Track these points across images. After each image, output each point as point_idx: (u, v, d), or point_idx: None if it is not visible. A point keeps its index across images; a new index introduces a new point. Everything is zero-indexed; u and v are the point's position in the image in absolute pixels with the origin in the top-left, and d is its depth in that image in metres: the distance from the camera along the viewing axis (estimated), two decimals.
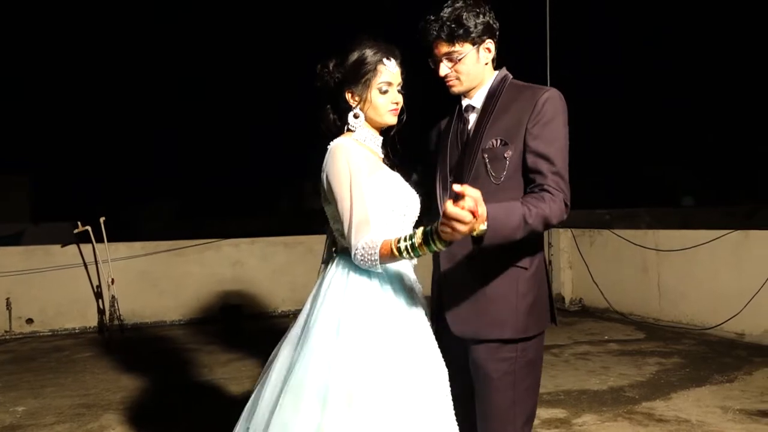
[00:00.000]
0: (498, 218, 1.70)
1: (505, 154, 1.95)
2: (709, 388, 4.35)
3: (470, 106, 2.08)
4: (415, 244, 1.68)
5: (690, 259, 6.16)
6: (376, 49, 1.94)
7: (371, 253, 1.75)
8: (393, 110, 1.96)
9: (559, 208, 1.87)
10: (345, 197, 1.81)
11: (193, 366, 5.32)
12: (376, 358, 1.75)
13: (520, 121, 1.95)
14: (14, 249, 7.09)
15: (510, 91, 2.03)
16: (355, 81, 1.93)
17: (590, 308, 7.32)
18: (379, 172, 1.93)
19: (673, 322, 6.30)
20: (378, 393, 1.72)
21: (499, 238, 1.73)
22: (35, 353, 5.89)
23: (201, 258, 7.35)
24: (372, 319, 1.80)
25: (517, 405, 1.97)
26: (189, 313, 7.22)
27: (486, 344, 1.96)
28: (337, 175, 1.83)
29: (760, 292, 5.48)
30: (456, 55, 1.98)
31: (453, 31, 1.95)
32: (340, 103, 1.98)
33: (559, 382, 4.57)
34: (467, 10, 1.96)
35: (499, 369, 1.94)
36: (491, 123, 1.99)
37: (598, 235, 7.31)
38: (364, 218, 1.79)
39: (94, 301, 6.89)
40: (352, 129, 1.96)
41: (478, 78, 2.04)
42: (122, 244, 7.09)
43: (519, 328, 1.95)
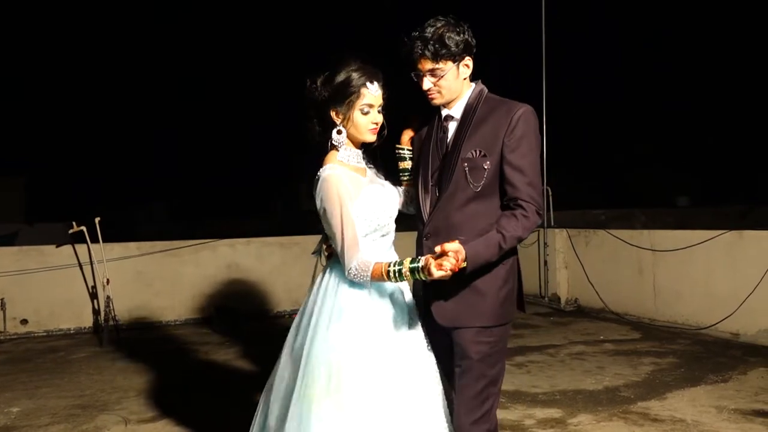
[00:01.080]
0: (477, 255, 2.07)
1: (485, 164, 2.19)
2: (704, 387, 4.37)
3: (449, 116, 2.30)
4: (402, 272, 2.03)
5: (685, 259, 6.17)
6: (361, 72, 2.16)
7: (364, 273, 2.06)
8: (372, 129, 2.20)
9: (532, 221, 2.16)
10: (337, 223, 2.09)
11: (188, 366, 5.32)
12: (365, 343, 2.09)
13: (497, 135, 2.18)
14: (8, 249, 7.06)
15: (486, 105, 2.26)
16: (340, 101, 2.16)
17: (586, 308, 7.33)
18: (363, 192, 2.17)
19: (668, 322, 6.31)
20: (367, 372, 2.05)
21: (478, 266, 2.11)
22: (30, 354, 5.87)
23: (196, 258, 7.34)
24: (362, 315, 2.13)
25: (491, 385, 2.25)
26: (184, 314, 7.21)
27: (468, 329, 2.23)
28: (329, 203, 2.11)
29: (755, 292, 5.50)
30: (439, 72, 2.19)
31: (437, 51, 2.16)
32: (325, 118, 2.21)
33: (554, 382, 4.58)
34: (449, 30, 2.17)
35: (480, 351, 2.22)
36: (470, 134, 2.22)
37: (594, 236, 7.32)
38: (353, 240, 2.08)
39: (89, 302, 6.87)
40: (335, 144, 2.20)
41: (457, 91, 2.26)
42: (117, 245, 7.07)
43: (497, 316, 2.24)
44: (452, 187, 2.22)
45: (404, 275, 2.02)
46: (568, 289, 7.62)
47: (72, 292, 6.82)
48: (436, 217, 2.25)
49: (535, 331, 6.30)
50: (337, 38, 16.72)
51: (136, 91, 18.57)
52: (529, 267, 8.04)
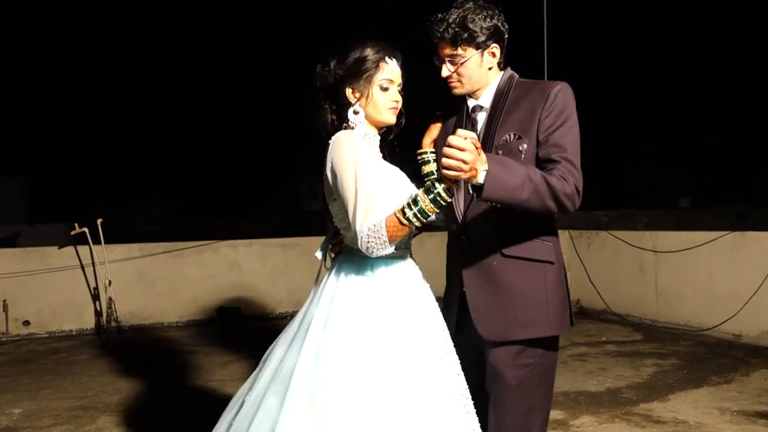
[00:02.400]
0: (499, 165, 1.70)
1: (520, 147, 1.93)
2: (707, 389, 4.36)
3: (478, 106, 2.07)
4: (419, 202, 1.68)
5: (687, 260, 6.17)
6: (379, 47, 1.94)
7: (379, 234, 1.72)
8: (393, 108, 1.95)
9: (569, 187, 1.84)
10: (350, 183, 1.77)
11: (190, 368, 5.31)
12: (365, 355, 1.75)
13: (533, 114, 1.94)
14: (10, 251, 7.07)
15: (518, 89, 2.02)
16: (357, 77, 1.92)
17: (588, 309, 7.33)
18: (381, 166, 1.93)
19: (670, 323, 6.31)
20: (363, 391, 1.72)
21: (502, 188, 1.69)
22: (32, 355, 5.88)
23: (198, 259, 7.34)
24: (366, 319, 1.80)
25: (534, 412, 1.96)
26: (186, 315, 7.21)
27: (506, 347, 1.94)
28: (342, 162, 1.80)
29: (757, 293, 5.49)
30: (459, 58, 1.97)
31: (457, 35, 1.94)
32: (339, 100, 1.96)
33: (557, 383, 4.50)
34: (475, 13, 1.94)
35: (518, 375, 1.93)
36: (503, 120, 1.98)
37: (596, 237, 7.32)
38: (368, 204, 1.75)
39: (91, 303, 6.87)
40: (351, 125, 1.95)
41: (480, 81, 2.03)
42: (119, 246, 7.07)
43: (552, 325, 1.96)
44: None
45: (426, 209, 1.68)
46: (570, 290, 7.60)
47: (74, 293, 6.82)
48: (472, 215, 2.00)
49: None
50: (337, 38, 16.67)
51: (137, 93, 18.58)
52: None
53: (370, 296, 1.83)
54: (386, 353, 1.76)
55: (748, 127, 16.88)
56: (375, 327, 1.79)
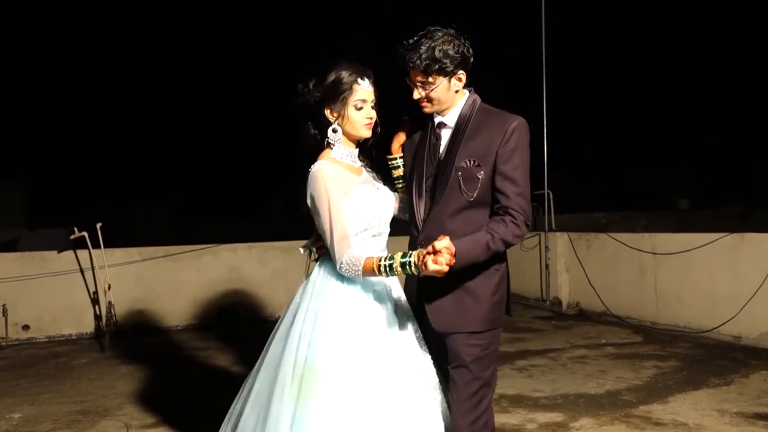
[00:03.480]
0: (466, 253, 2.08)
1: (478, 174, 2.23)
2: (706, 391, 4.36)
3: (443, 123, 2.34)
4: (393, 267, 2.06)
5: (686, 262, 6.17)
6: (351, 70, 2.21)
7: (355, 267, 2.09)
8: (367, 124, 2.25)
9: (520, 230, 2.20)
10: (326, 219, 2.13)
11: (189, 372, 5.31)
12: (344, 341, 2.10)
13: (491, 146, 2.22)
14: (10, 255, 7.07)
15: (480, 115, 2.30)
16: (334, 99, 2.20)
17: (587, 312, 7.32)
18: (354, 191, 2.20)
19: (670, 325, 6.30)
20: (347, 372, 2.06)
21: (466, 264, 2.11)
22: (31, 360, 5.88)
23: (198, 263, 7.35)
24: (344, 312, 2.15)
25: (485, 386, 2.29)
26: (186, 319, 7.21)
27: (461, 333, 2.27)
28: (318, 198, 2.15)
29: (756, 295, 5.49)
30: (429, 85, 2.24)
31: (428, 66, 2.19)
32: (320, 119, 2.25)
33: (556, 386, 4.57)
34: (444, 44, 2.19)
35: (472, 353, 2.26)
36: (464, 143, 2.26)
37: (595, 239, 7.32)
38: (343, 234, 2.12)
39: (91, 307, 6.87)
40: (331, 143, 2.25)
41: (448, 102, 2.30)
42: (119, 250, 7.07)
43: (489, 321, 2.29)
44: (446, 196, 2.26)
45: (395, 270, 2.05)
46: (570, 292, 7.61)
47: (73, 297, 6.83)
48: (431, 224, 2.29)
49: (537, 335, 6.30)
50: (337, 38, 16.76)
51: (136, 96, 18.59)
52: (530, 271, 8.05)
53: (346, 295, 2.18)
54: (358, 340, 2.12)
55: (747, 127, 16.90)
56: (348, 319, 2.14)
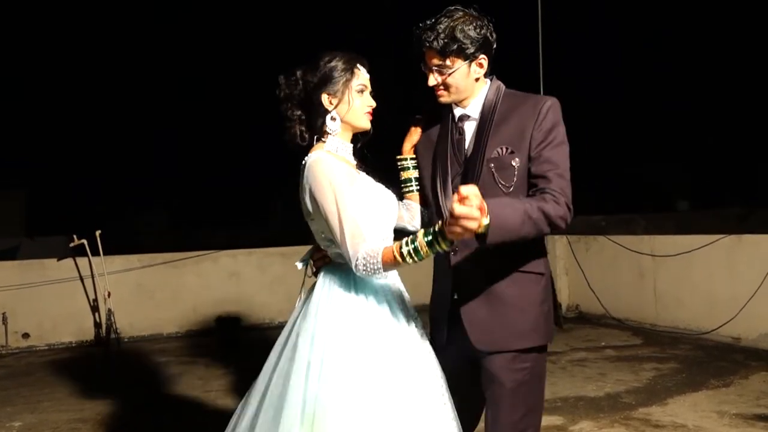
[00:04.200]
0: (501, 211, 1.72)
1: (513, 161, 1.95)
2: (706, 392, 4.36)
3: (465, 116, 2.06)
4: (418, 248, 1.70)
5: (685, 264, 6.17)
6: (349, 55, 1.97)
7: (373, 262, 1.76)
8: (368, 113, 1.99)
9: (562, 209, 1.88)
10: (332, 211, 1.81)
11: (189, 379, 5.31)
12: (356, 369, 1.77)
13: (524, 129, 1.96)
14: (10, 263, 7.08)
15: (507, 101, 2.03)
16: (333, 82, 1.94)
17: (587, 315, 7.33)
18: (358, 181, 1.94)
19: (669, 327, 6.30)
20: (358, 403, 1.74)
21: (503, 233, 1.72)
22: (31, 368, 5.88)
23: (198, 270, 7.35)
24: (354, 333, 1.82)
25: (529, 414, 2.01)
26: (186, 325, 7.21)
27: (503, 354, 1.97)
28: (321, 190, 1.83)
29: (755, 296, 5.49)
30: (446, 69, 1.97)
31: (446, 46, 1.93)
32: (314, 108, 1.97)
33: (556, 389, 4.57)
34: (465, 24, 1.94)
35: (515, 379, 1.97)
36: (493, 132, 1.99)
37: (594, 242, 7.33)
38: (356, 228, 1.79)
39: (91, 315, 6.88)
40: (329, 132, 1.96)
41: (467, 91, 2.03)
42: (118, 257, 7.08)
43: (542, 334, 2.01)
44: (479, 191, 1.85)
45: (421, 251, 1.70)
46: (569, 295, 7.62)
47: (73, 305, 6.83)
48: None
49: None
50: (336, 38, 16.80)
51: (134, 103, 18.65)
52: None
53: (355, 311, 1.85)
54: (371, 365, 1.79)
55: (747, 127, 16.90)
56: (360, 341, 1.81)
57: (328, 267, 1.97)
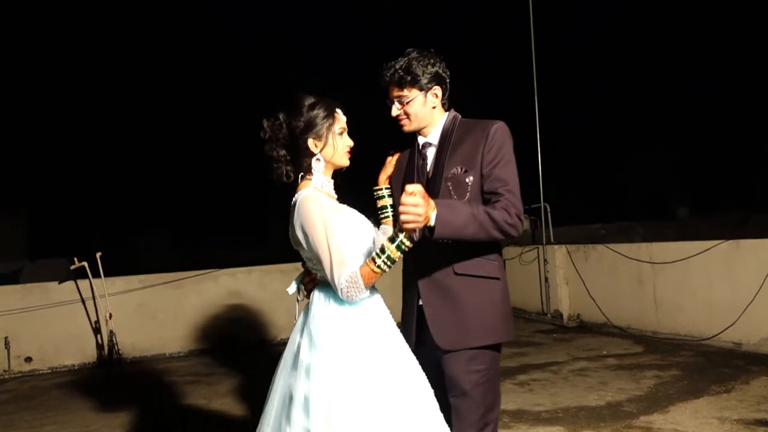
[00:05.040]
0: (446, 207, 2.02)
1: (467, 179, 2.24)
2: (707, 399, 4.37)
3: (427, 143, 2.38)
4: (388, 253, 1.94)
5: (684, 270, 6.19)
6: (326, 100, 2.20)
7: (356, 283, 1.97)
8: (348, 152, 2.24)
9: (511, 218, 2.14)
10: (322, 243, 2.00)
11: (192, 398, 5.32)
12: (356, 372, 1.97)
13: (475, 150, 2.25)
14: (12, 288, 7.10)
15: (462, 128, 2.33)
16: (318, 127, 2.16)
17: (588, 323, 7.33)
18: (341, 214, 2.14)
19: (670, 334, 6.31)
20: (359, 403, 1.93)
21: (450, 227, 2.01)
22: (34, 392, 5.89)
23: (199, 289, 7.38)
24: (352, 340, 2.02)
25: (488, 413, 2.24)
26: (188, 345, 7.22)
27: (459, 357, 2.22)
28: (311, 223, 2.02)
29: (755, 300, 5.51)
30: (404, 98, 2.30)
31: (402, 78, 2.27)
32: (300, 151, 2.18)
33: (557, 399, 4.58)
34: (417, 60, 2.27)
35: (472, 380, 2.21)
36: (450, 154, 2.29)
37: (593, 250, 7.35)
38: (341, 258, 2.00)
39: (93, 337, 6.89)
40: (314, 171, 2.17)
41: (426, 119, 2.34)
42: (119, 278, 7.11)
43: (500, 333, 2.26)
44: None
45: (392, 257, 1.94)
46: (570, 304, 7.62)
47: (75, 327, 6.85)
48: (425, 243, 2.19)
49: (538, 349, 6.30)
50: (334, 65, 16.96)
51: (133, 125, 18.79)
52: (530, 284, 8.07)
53: (349, 320, 2.05)
54: (369, 367, 1.99)
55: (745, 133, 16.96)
56: (357, 345, 2.01)
57: (320, 285, 2.15)
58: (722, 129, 17.37)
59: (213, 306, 7.37)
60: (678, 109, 18.03)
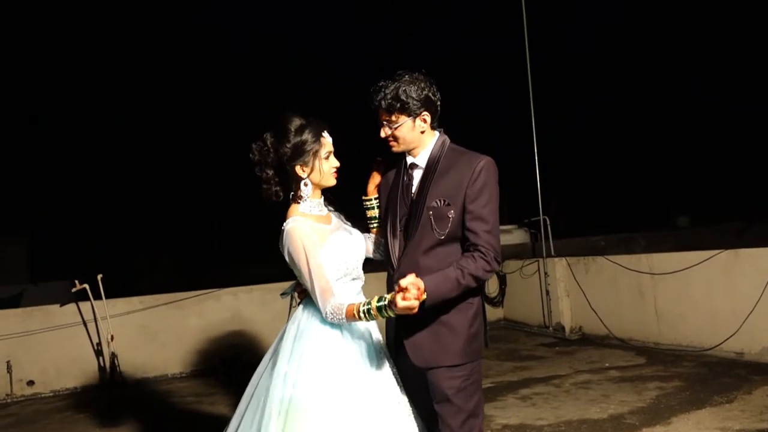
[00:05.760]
0: (435, 287, 2.16)
1: (449, 213, 2.30)
2: (709, 409, 4.35)
3: (414, 164, 2.43)
4: (371, 312, 2.14)
5: (684, 281, 6.18)
6: (313, 125, 2.30)
7: (339, 315, 2.19)
8: (335, 174, 2.36)
9: (490, 265, 2.27)
10: (305, 271, 2.22)
11: (194, 419, 5.31)
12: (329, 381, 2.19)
13: (460, 185, 2.30)
14: (13, 311, 7.10)
15: (449, 155, 2.38)
16: (304, 155, 2.28)
17: (590, 336, 7.31)
18: (329, 240, 2.28)
19: (672, 345, 6.29)
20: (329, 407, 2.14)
21: (437, 300, 2.19)
22: (37, 416, 5.87)
23: (200, 309, 7.38)
24: (328, 353, 2.23)
25: (472, 417, 2.33)
26: (190, 365, 7.21)
27: (440, 368, 2.33)
28: (296, 253, 2.22)
29: (755, 309, 5.50)
30: (393, 124, 2.34)
31: (391, 105, 2.30)
32: (288, 176, 2.33)
33: (559, 413, 4.57)
34: (408, 85, 2.29)
35: (454, 386, 2.31)
36: (434, 183, 2.34)
37: (593, 263, 7.35)
38: (325, 285, 2.21)
39: (95, 359, 6.88)
40: (302, 195, 2.32)
41: (414, 142, 2.38)
42: (121, 300, 7.12)
43: (468, 354, 2.35)
44: (419, 234, 2.33)
45: (373, 314, 2.13)
46: (572, 317, 7.61)
47: (77, 350, 6.85)
48: (405, 261, 2.36)
49: (541, 362, 6.29)
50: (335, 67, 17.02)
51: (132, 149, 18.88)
52: (531, 297, 8.06)
53: (328, 336, 2.27)
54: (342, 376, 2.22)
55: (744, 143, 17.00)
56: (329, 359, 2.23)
57: (309, 300, 2.33)
58: (722, 138, 17.42)
59: (214, 326, 7.37)
60: (679, 120, 18.09)
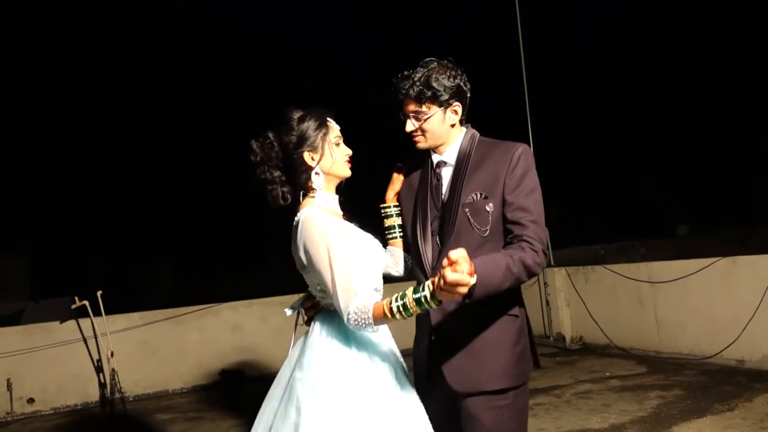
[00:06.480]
0: (485, 271, 1.79)
1: (487, 207, 2.03)
2: (710, 418, 4.35)
3: (443, 162, 2.16)
4: (407, 305, 1.74)
5: (683, 289, 6.17)
6: (316, 111, 2.05)
7: (364, 317, 1.79)
8: (348, 161, 2.08)
9: (539, 257, 1.96)
10: (325, 266, 1.86)
11: None
12: (351, 415, 1.82)
13: (497, 176, 2.04)
14: (14, 329, 7.10)
15: (481, 148, 2.12)
16: (312, 140, 2.00)
17: (591, 345, 7.30)
18: (349, 234, 1.98)
19: (673, 353, 6.27)
20: None
21: (487, 290, 1.80)
22: None
23: (200, 324, 7.37)
24: (348, 382, 1.87)
25: None
26: (191, 381, 7.20)
27: (479, 396, 2.01)
28: (314, 246, 1.88)
29: (755, 317, 5.49)
30: (422, 115, 2.08)
31: (421, 93, 2.05)
32: (295, 167, 2.02)
33: (560, 423, 4.56)
34: (438, 73, 2.05)
35: (493, 416, 2.00)
36: (468, 178, 2.07)
37: (592, 272, 7.34)
38: (348, 283, 1.83)
39: (95, 376, 6.87)
40: (315, 187, 2.02)
41: (443, 137, 2.13)
42: (121, 316, 7.11)
43: (514, 376, 2.03)
44: (455, 236, 2.04)
45: (409, 307, 1.73)
46: (572, 327, 7.60)
47: (77, 367, 6.83)
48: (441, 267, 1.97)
49: (542, 373, 6.26)
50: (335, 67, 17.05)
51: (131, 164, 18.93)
52: (531, 308, 8.05)
53: (353, 366, 1.90)
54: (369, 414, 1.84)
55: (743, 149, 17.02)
56: (358, 390, 1.86)
57: (322, 315, 2.02)
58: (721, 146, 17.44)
59: (215, 341, 7.36)
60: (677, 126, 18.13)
